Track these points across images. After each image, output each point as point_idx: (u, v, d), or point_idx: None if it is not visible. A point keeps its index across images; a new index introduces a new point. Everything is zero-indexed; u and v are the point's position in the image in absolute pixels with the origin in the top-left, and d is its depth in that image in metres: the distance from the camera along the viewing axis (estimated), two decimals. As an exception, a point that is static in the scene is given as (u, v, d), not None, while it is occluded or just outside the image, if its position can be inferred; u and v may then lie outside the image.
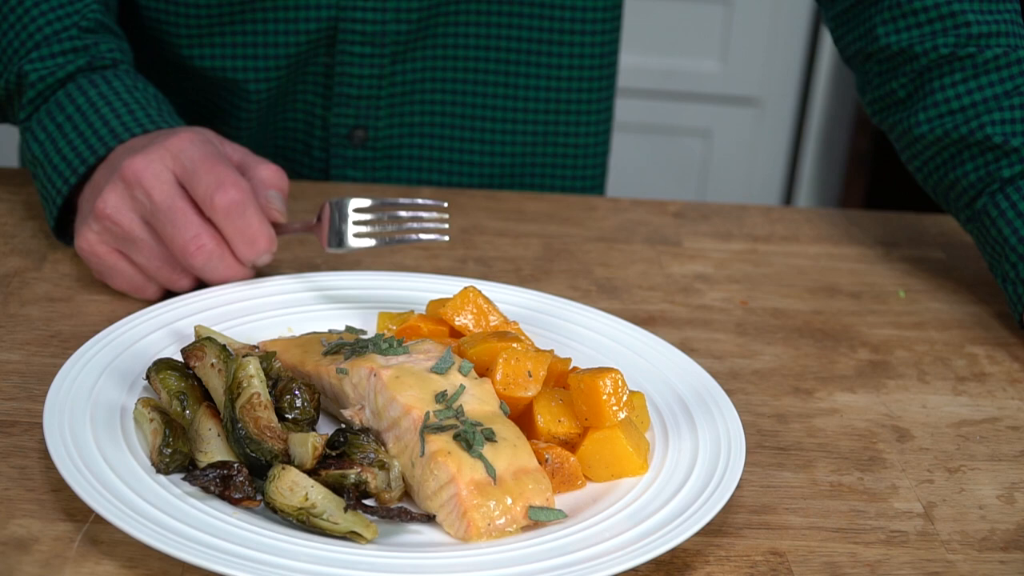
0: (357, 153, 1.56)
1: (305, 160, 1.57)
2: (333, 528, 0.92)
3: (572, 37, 1.55)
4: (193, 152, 1.17)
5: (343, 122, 1.54)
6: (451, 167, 1.59)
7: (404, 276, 1.25)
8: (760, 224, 1.51)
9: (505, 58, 1.55)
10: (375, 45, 1.49)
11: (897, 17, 1.38)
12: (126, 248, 1.19)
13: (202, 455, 0.98)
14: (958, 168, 1.36)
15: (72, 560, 0.91)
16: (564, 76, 1.57)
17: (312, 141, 1.56)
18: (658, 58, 3.22)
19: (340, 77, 1.51)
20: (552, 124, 1.60)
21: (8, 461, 1.00)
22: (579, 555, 0.91)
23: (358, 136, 1.55)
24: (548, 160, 1.62)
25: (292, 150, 1.57)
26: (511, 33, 1.54)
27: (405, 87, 1.54)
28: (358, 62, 1.50)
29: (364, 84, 1.52)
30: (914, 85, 1.39)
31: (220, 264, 1.17)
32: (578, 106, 1.60)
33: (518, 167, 1.61)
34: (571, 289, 1.33)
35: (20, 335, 1.17)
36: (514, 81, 1.56)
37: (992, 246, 1.33)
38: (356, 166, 1.56)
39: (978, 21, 1.35)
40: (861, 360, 1.25)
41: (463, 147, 1.58)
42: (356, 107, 1.53)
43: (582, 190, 1.65)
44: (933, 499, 1.06)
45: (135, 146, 1.20)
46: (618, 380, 1.00)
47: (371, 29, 1.48)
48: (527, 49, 1.55)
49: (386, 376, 1.01)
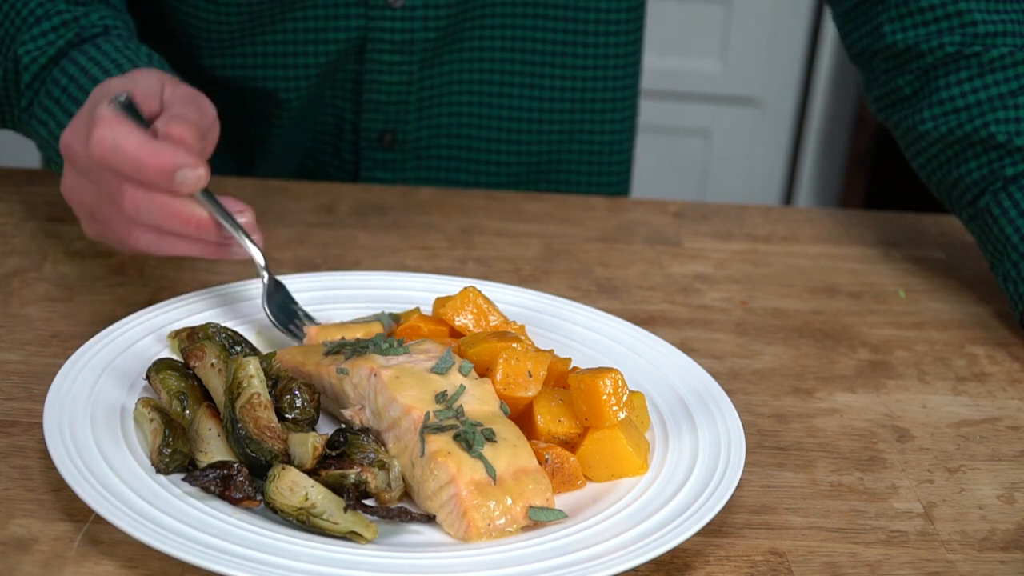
0: (387, 155, 1.56)
1: (335, 162, 1.58)
2: (333, 528, 0.92)
3: (597, 39, 1.56)
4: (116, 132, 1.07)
5: (373, 127, 1.55)
6: (479, 167, 1.60)
7: (404, 276, 1.25)
8: (760, 224, 1.51)
9: (531, 60, 1.55)
10: (404, 53, 1.49)
11: (904, 15, 1.39)
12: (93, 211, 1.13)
13: (202, 455, 0.98)
14: (961, 166, 1.36)
15: (72, 560, 0.91)
16: (589, 76, 1.58)
17: (342, 144, 1.57)
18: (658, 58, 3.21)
19: (369, 84, 1.52)
20: (578, 123, 1.61)
21: (8, 461, 1.00)
22: (579, 555, 0.91)
23: (387, 139, 1.55)
24: (574, 158, 1.63)
25: (322, 152, 1.58)
26: (536, 35, 1.54)
27: (433, 91, 1.54)
28: (387, 69, 1.50)
29: (393, 91, 1.52)
30: (920, 83, 1.39)
31: (158, 213, 1.07)
32: (603, 104, 1.60)
33: (544, 165, 1.62)
34: (571, 289, 1.33)
35: (20, 335, 1.17)
36: (540, 82, 1.57)
37: (994, 245, 1.33)
38: (386, 167, 1.57)
39: (984, 20, 1.35)
40: (861, 360, 1.25)
41: (490, 147, 1.59)
42: (385, 112, 1.54)
43: (608, 186, 1.66)
44: (933, 499, 1.06)
45: (105, 92, 1.13)
46: (618, 380, 1.00)
47: (400, 38, 1.49)
48: (552, 51, 1.55)
49: (386, 376, 1.01)
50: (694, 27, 3.26)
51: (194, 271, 1.30)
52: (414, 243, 1.39)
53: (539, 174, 1.62)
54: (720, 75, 3.32)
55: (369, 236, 1.40)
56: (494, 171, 1.61)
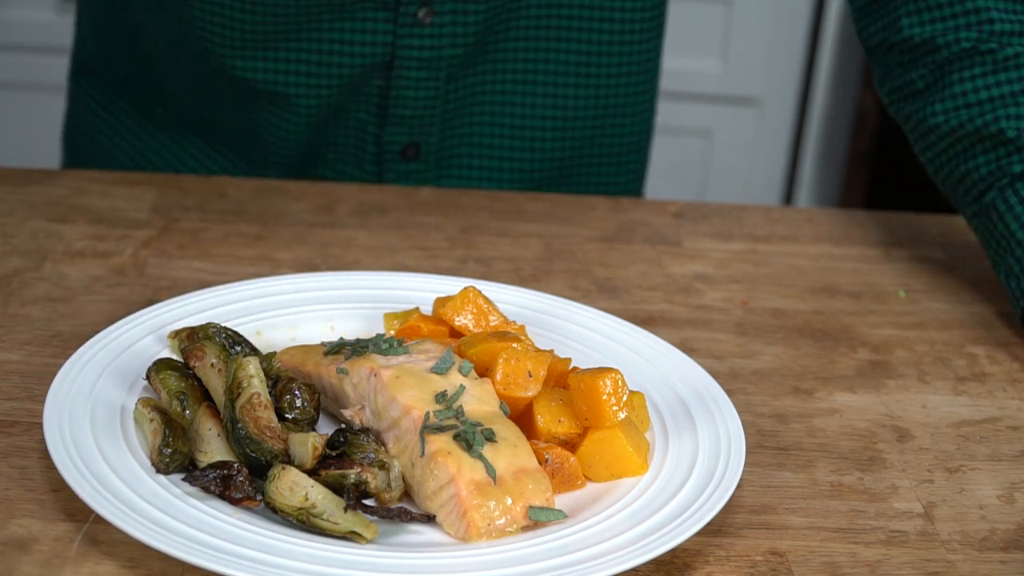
0: (409, 167, 1.56)
1: (356, 173, 1.58)
2: (333, 528, 0.92)
3: (621, 47, 1.56)
4: None
5: (396, 140, 1.54)
6: (500, 174, 1.60)
7: (404, 276, 1.25)
8: (760, 224, 1.51)
9: (554, 69, 1.56)
10: (431, 69, 1.49)
11: (922, 10, 1.40)
12: None
13: (202, 455, 0.98)
14: (969, 161, 1.36)
15: (72, 560, 0.91)
16: (612, 84, 1.59)
17: (364, 156, 1.56)
18: (658, 58, 3.21)
19: (395, 100, 1.51)
20: (599, 128, 1.61)
21: (8, 461, 1.00)
22: (579, 555, 0.91)
23: (411, 152, 1.55)
24: (594, 162, 1.63)
25: (344, 163, 1.58)
26: (560, 46, 1.54)
27: (458, 103, 1.54)
28: (414, 85, 1.50)
29: (419, 105, 1.52)
30: (933, 77, 1.40)
31: None
32: (623, 109, 1.61)
33: (564, 170, 1.62)
34: (571, 289, 1.33)
35: (20, 335, 1.17)
36: (563, 91, 1.57)
37: (997, 241, 1.33)
38: (408, 177, 1.57)
39: (1001, 19, 1.36)
40: (861, 360, 1.25)
41: (512, 155, 1.59)
42: (410, 126, 1.53)
43: (624, 186, 1.66)
44: (933, 499, 1.06)
45: None
46: (618, 380, 1.00)
47: (428, 55, 1.48)
48: (576, 60, 1.56)
49: (386, 376, 1.01)
50: (694, 27, 3.26)
51: (194, 271, 1.30)
52: (414, 243, 1.39)
53: (560, 179, 1.63)
54: (720, 75, 3.32)
55: (369, 236, 1.40)
56: (517, 178, 1.61)
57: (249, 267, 1.32)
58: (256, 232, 1.38)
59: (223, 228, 1.38)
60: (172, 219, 1.39)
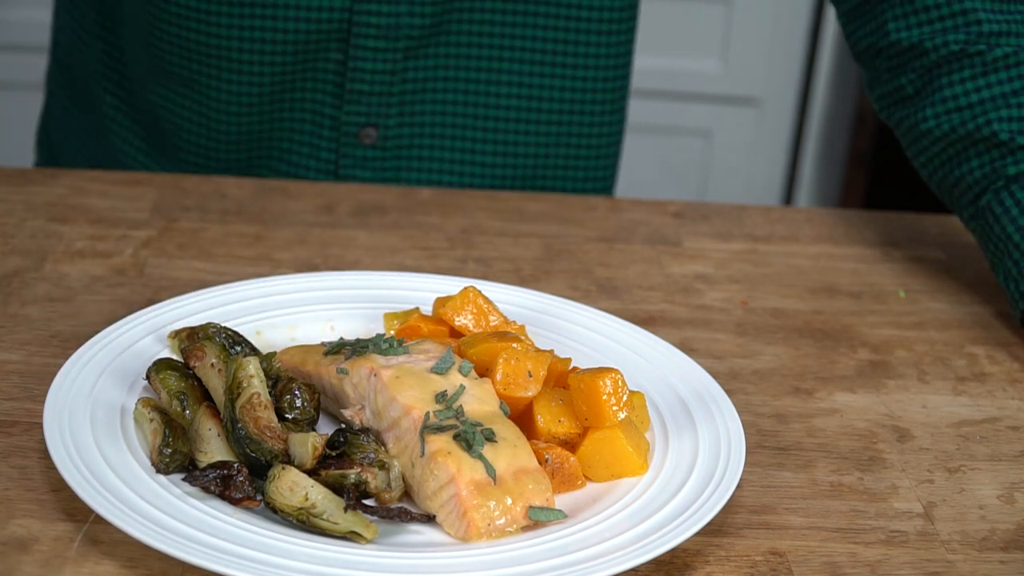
0: (367, 152, 1.55)
1: (312, 163, 1.56)
2: (333, 528, 0.92)
3: (588, 37, 1.54)
4: None
5: (354, 120, 1.52)
6: (461, 168, 1.58)
7: (404, 276, 1.25)
8: (760, 224, 1.51)
9: (520, 57, 1.53)
10: (389, 39, 1.48)
11: (908, 13, 1.39)
12: None
13: (202, 455, 0.98)
14: (963, 164, 1.36)
15: (72, 560, 0.91)
16: (579, 76, 1.56)
17: (320, 142, 1.54)
18: (658, 58, 3.21)
19: (352, 73, 1.50)
20: (566, 125, 1.58)
21: (8, 461, 1.00)
22: (579, 555, 0.91)
23: (368, 135, 1.53)
24: (560, 162, 1.61)
25: (298, 153, 1.55)
26: (526, 32, 1.52)
27: (417, 84, 1.52)
28: (371, 56, 1.49)
29: (376, 80, 1.50)
30: (923, 81, 1.39)
31: None
32: (592, 107, 1.58)
33: (529, 168, 1.60)
34: (571, 289, 1.33)
35: (20, 335, 1.17)
36: (528, 81, 1.55)
37: (995, 243, 1.33)
38: (365, 166, 1.55)
39: (989, 20, 1.35)
40: (861, 360, 1.25)
41: (474, 148, 1.57)
42: (367, 104, 1.52)
43: (592, 191, 1.64)
44: (933, 499, 1.06)
45: None
46: (618, 380, 1.00)
47: (385, 22, 1.47)
48: (542, 49, 1.53)
49: (386, 376, 1.01)
50: (694, 27, 3.26)
51: (194, 271, 1.30)
52: (414, 243, 1.39)
53: (525, 179, 1.60)
54: (720, 75, 3.32)
55: (369, 236, 1.40)
56: (478, 172, 1.58)
57: (249, 267, 1.32)
58: (256, 232, 1.38)
59: (223, 228, 1.38)
60: (172, 219, 1.39)
